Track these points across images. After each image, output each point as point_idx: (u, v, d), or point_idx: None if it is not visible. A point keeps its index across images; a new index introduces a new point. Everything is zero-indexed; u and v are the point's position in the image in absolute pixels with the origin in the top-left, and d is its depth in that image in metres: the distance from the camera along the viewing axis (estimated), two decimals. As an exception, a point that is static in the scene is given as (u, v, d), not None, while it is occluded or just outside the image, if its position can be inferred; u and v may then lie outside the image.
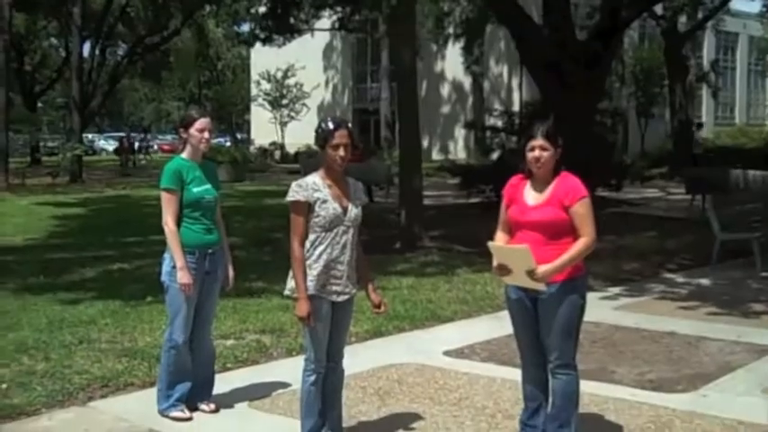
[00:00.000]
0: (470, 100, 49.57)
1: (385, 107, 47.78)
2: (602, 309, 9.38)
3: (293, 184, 5.15)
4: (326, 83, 57.07)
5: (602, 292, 10.48)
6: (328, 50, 56.45)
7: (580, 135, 19.29)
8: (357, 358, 7.43)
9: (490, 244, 5.17)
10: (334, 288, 5.17)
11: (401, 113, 16.69)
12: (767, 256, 12.17)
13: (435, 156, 47.37)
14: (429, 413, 6.03)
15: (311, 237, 5.10)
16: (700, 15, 37.40)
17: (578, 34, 22.98)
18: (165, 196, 5.88)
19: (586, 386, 6.55)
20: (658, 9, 34.42)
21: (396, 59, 18.43)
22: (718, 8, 37.19)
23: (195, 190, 5.94)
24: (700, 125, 34.76)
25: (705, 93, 55.58)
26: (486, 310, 9.49)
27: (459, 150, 48.39)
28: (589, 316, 9.08)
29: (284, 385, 6.62)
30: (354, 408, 6.11)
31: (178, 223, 5.87)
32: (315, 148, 5.25)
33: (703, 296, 10.34)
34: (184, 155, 6.03)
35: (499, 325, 8.68)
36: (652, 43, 48.31)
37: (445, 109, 50.74)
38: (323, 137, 5.09)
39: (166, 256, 5.92)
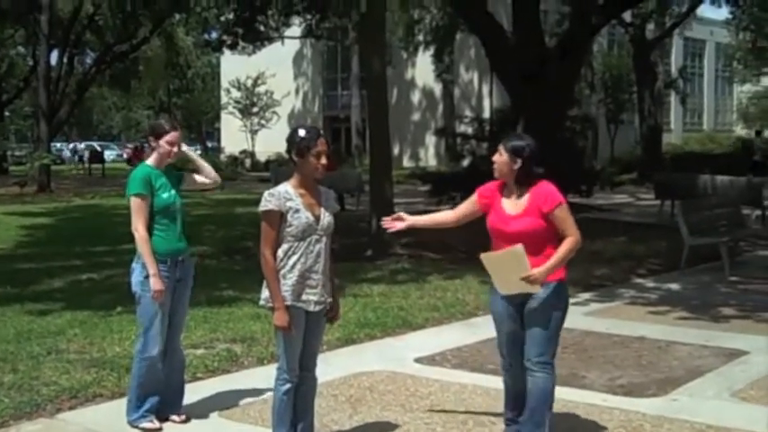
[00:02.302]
0: (441, 107, 49.68)
1: (356, 115, 47.78)
2: (572, 314, 9.32)
3: (265, 194, 5.11)
4: (297, 91, 56.96)
5: (572, 297, 10.40)
6: (298, 58, 56.37)
7: (550, 141, 19.40)
8: (328, 366, 7.40)
9: (483, 255, 5.20)
10: (310, 297, 5.14)
11: (371, 121, 16.69)
12: (735, 261, 12.27)
13: (406, 163, 47.42)
14: (401, 420, 6.02)
15: (284, 246, 5.06)
16: (668, 22, 37.73)
17: (548, 41, 23.13)
18: (135, 202, 5.82)
19: (558, 392, 6.55)
20: (627, 16, 34.73)
21: (366, 67, 18.43)
22: (685, 15, 37.59)
23: (164, 196, 5.91)
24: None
25: (673, 99, 56.03)
26: (457, 316, 9.50)
27: (429, 157, 48.46)
28: (559, 322, 9.14)
29: (255, 394, 6.58)
30: (326, 416, 6.09)
31: (149, 231, 5.82)
32: (287, 156, 5.20)
33: (673, 301, 10.41)
34: (151, 162, 5.99)
35: (470, 332, 8.72)
36: (621, 50, 48.66)
37: (416, 116, 50.81)
38: (304, 145, 5.04)
39: (136, 266, 5.86)
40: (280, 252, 5.07)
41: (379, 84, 15.15)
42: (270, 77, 51.60)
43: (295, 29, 41.94)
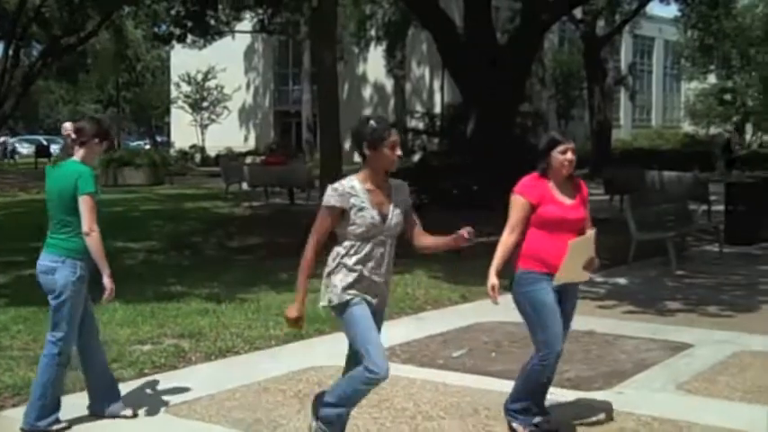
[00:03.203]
0: (392, 102, 49.75)
1: (306, 110, 47.64)
2: (521, 309, 9.47)
3: (329, 187, 4.80)
4: (248, 85, 56.69)
5: (522, 292, 10.55)
6: (249, 53, 56.08)
7: (501, 137, 19.52)
8: (277, 361, 7.39)
9: (571, 242, 5.26)
10: (370, 299, 4.84)
11: (322, 116, 16.67)
12: (682, 255, 12.40)
13: (357, 158, 47.20)
14: (349, 415, 5.97)
15: (346, 243, 4.77)
16: (617, 20, 38.09)
17: (499, 38, 23.25)
18: (89, 202, 5.64)
19: (507, 386, 6.59)
20: (578, 13, 35.01)
21: (317, 62, 18.40)
22: (634, 12, 37.97)
23: (101, 195, 5.83)
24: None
25: (623, 96, 56.67)
26: (406, 311, 9.49)
27: (381, 153, 48.45)
28: (510, 317, 9.17)
29: (202, 390, 6.51)
30: (274, 411, 6.05)
31: (74, 230, 5.69)
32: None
33: (620, 295, 10.50)
34: (81, 159, 5.80)
35: (419, 326, 8.72)
36: (571, 47, 49.09)
37: (367, 111, 50.68)
38: (377, 136, 4.70)
39: (60, 265, 5.68)
40: (341, 249, 4.78)
41: (329, 79, 15.13)
42: (220, 72, 51.26)
43: (246, 23, 41.70)
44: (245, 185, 25.29)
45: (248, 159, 33.63)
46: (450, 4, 27.11)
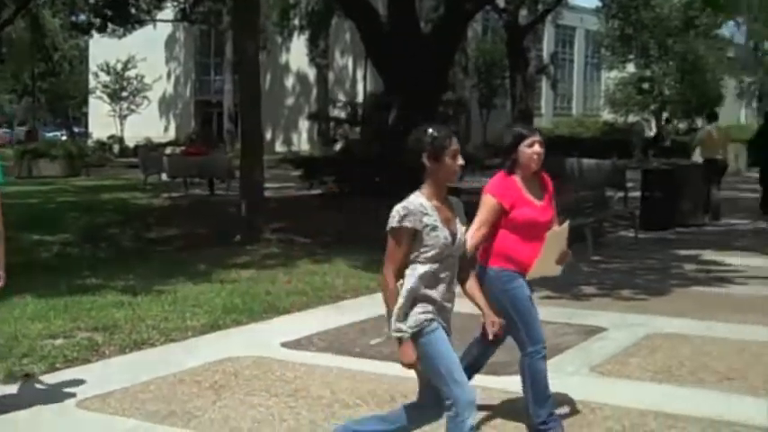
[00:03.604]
0: (315, 92, 49.57)
1: (228, 100, 47.21)
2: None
3: (398, 207, 4.25)
4: (169, 75, 55.96)
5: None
6: (171, 42, 55.34)
7: (423, 125, 19.57)
8: (192, 353, 7.30)
9: (550, 232, 5.13)
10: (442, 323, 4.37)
11: (243, 106, 16.51)
12: (598, 241, 12.58)
13: (279, 148, 47.12)
14: (265, 405, 5.94)
15: (419, 269, 4.25)
16: (540, 9, 38.47)
17: (423, 27, 23.29)
18: None
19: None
20: (501, 2, 35.27)
21: (239, 51, 18.17)
22: (557, 2, 38.40)
23: (8, 186, 5.65)
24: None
25: (544, 84, 57.28)
26: (325, 300, 9.46)
27: (303, 142, 48.31)
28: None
29: (115, 383, 6.40)
30: (189, 403, 5.98)
31: None
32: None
33: (538, 281, 10.44)
34: None
35: (338, 315, 8.71)
36: (495, 36, 49.42)
37: (289, 101, 50.55)
38: (439, 144, 4.26)
39: None
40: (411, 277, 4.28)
41: (251, 68, 14.99)
42: (141, 61, 50.47)
43: (168, 12, 41.14)
44: (164, 176, 24.95)
45: (168, 150, 33.15)
46: (372, -7, 27.07)
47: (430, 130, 4.30)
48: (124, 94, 52.77)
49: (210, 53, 54.54)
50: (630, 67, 50.19)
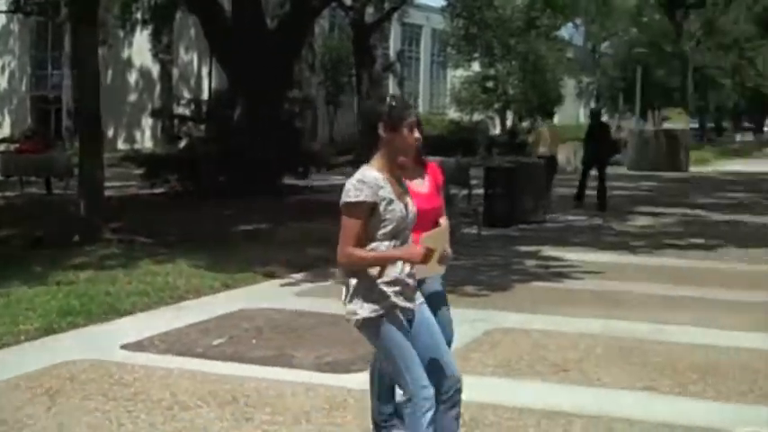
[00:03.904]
0: (158, 88, 48.61)
1: (67, 95, 45.70)
2: (284, 295, 9.50)
3: (353, 181, 4.07)
4: (2, 69, 53.86)
5: (285, 278, 10.56)
6: (5, 34, 53.30)
7: (268, 123, 19.48)
8: (26, 358, 7.02)
9: (424, 235, 4.32)
10: (405, 304, 4.21)
11: (81, 102, 15.98)
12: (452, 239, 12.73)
13: (121, 145, 45.99)
14: (102, 410, 5.76)
15: (372, 245, 4.07)
16: (386, 7, 38.82)
17: (269, 23, 23.14)
18: None
19: (265, 372, 6.59)
20: (347, 0, 35.43)
21: (77, 45, 17.59)
22: (403, 1, 38.86)
23: None
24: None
25: (391, 82, 57.83)
26: (166, 301, 9.24)
27: (146, 139, 47.32)
28: (272, 302, 9.15)
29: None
30: (20, 411, 5.73)
31: None
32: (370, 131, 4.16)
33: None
34: None
35: (179, 316, 8.54)
36: (341, 33, 49.62)
37: (132, 97, 49.41)
38: (396, 115, 4.13)
39: None
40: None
41: (90, 63, 14.54)
42: (-27, 54, 48.42)
43: (1, 3, 39.50)
44: (-3, 175, 23.93)
45: (1, 147, 31.85)
46: (217, -11, 26.73)
47: (389, 100, 4.22)
48: (-46, 88, 50.53)
49: (48, 46, 52.69)
50: (476, 66, 51.24)
